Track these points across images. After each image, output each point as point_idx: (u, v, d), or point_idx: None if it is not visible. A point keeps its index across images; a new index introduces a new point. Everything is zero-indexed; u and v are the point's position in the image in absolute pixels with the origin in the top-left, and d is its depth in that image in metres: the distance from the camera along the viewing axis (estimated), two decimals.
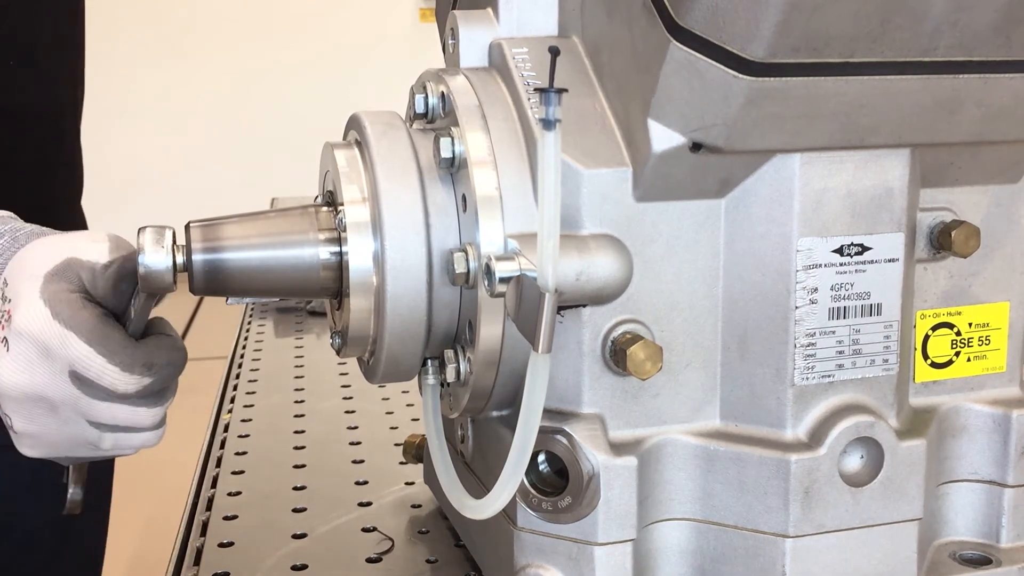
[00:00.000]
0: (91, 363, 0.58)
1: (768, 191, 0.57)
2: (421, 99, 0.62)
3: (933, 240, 0.61)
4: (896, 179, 0.58)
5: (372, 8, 5.15)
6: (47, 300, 0.58)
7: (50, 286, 0.59)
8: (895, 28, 0.50)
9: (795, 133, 0.54)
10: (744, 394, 0.59)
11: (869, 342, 0.59)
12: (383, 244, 0.57)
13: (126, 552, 2.46)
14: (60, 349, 0.58)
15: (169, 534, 0.80)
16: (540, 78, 0.59)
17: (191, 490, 0.86)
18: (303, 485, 0.84)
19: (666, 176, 0.55)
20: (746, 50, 0.49)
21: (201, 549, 0.74)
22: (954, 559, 0.63)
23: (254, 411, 1.04)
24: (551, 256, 0.50)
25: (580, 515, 0.57)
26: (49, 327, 0.58)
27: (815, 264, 0.57)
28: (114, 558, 2.54)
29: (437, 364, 0.62)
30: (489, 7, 0.63)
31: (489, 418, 0.63)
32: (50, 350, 0.58)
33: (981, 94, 0.55)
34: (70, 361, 0.58)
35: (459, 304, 0.59)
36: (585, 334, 0.57)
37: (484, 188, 0.56)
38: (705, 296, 0.58)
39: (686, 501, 0.59)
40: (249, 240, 0.59)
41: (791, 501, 0.57)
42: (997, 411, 0.64)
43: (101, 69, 5.29)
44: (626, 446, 0.57)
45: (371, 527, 0.76)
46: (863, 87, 0.52)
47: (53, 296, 0.58)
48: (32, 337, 0.58)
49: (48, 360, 0.58)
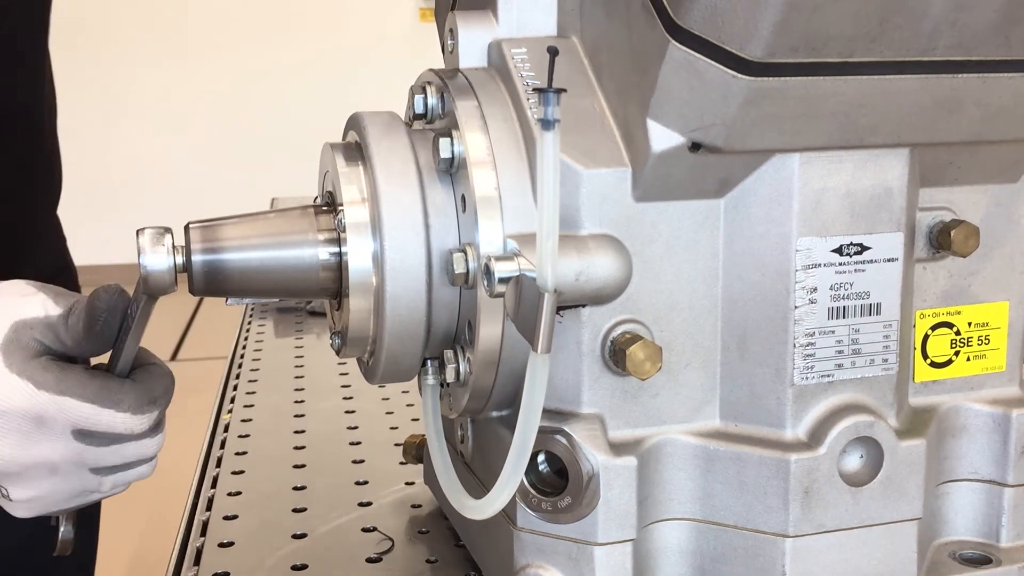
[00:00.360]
0: (99, 419, 0.58)
1: (767, 191, 0.57)
2: (420, 100, 0.62)
3: (932, 240, 0.61)
4: (895, 179, 0.58)
5: (372, 8, 5.15)
6: (18, 372, 0.57)
7: (12, 358, 0.57)
8: (894, 28, 0.50)
9: (794, 133, 0.54)
10: (744, 394, 0.59)
11: (868, 342, 0.59)
12: (382, 245, 0.57)
13: (126, 552, 2.46)
14: (59, 415, 0.57)
15: (169, 534, 0.80)
16: (539, 78, 0.59)
17: (191, 490, 0.86)
18: (303, 485, 0.84)
19: (665, 176, 0.55)
20: (745, 50, 0.49)
21: (201, 549, 0.74)
22: (954, 559, 0.63)
23: (254, 411, 1.04)
24: (550, 256, 0.50)
25: (580, 515, 0.57)
26: (37, 399, 0.57)
27: (814, 264, 0.57)
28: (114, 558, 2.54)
29: (437, 364, 0.63)
30: (488, 8, 0.63)
31: (489, 418, 0.63)
32: (45, 419, 0.57)
33: (980, 94, 0.55)
34: (72, 423, 0.58)
35: (458, 304, 0.59)
36: (584, 334, 0.57)
37: (483, 188, 0.56)
38: (704, 296, 0.58)
39: (686, 501, 0.59)
40: (249, 241, 0.59)
41: (791, 501, 0.57)
42: (997, 411, 0.64)
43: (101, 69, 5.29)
44: (626, 446, 0.57)
45: (371, 527, 0.76)
46: (862, 87, 0.52)
47: (22, 367, 0.57)
48: (20, 413, 0.57)
49: (44, 428, 0.58)
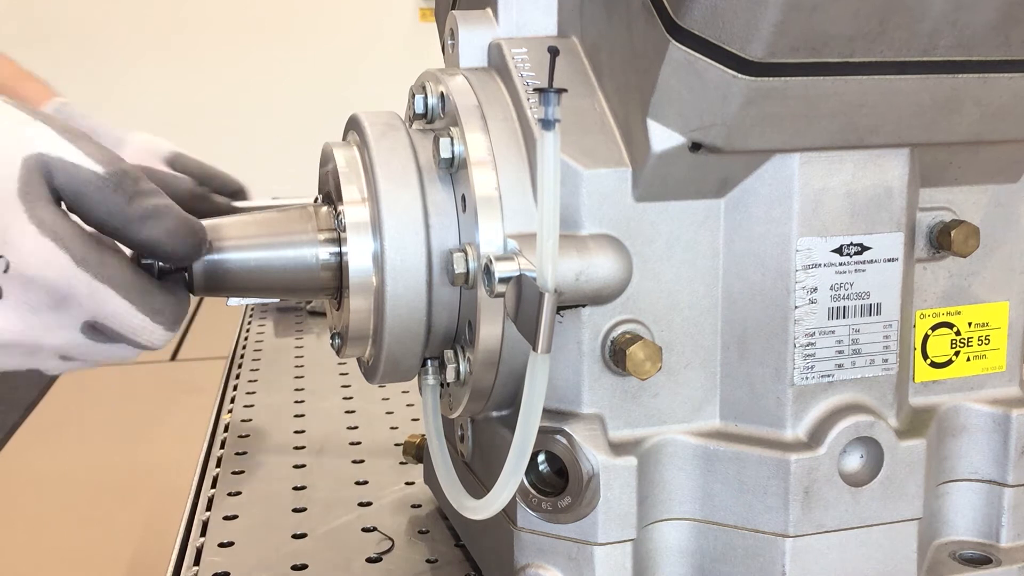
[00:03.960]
0: (130, 322, 0.50)
1: (767, 191, 0.57)
2: (420, 99, 0.62)
3: (932, 240, 0.61)
4: (895, 179, 0.58)
5: (371, 8, 5.15)
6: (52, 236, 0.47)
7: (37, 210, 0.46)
8: (894, 28, 0.50)
9: (794, 133, 0.54)
10: (744, 394, 0.59)
11: (869, 342, 0.59)
12: (383, 244, 0.57)
13: (126, 552, 2.46)
14: (87, 302, 0.49)
15: (169, 534, 0.80)
16: (539, 78, 0.59)
17: (191, 490, 0.87)
18: (303, 485, 0.84)
19: (665, 176, 0.55)
20: (745, 50, 0.49)
21: (201, 549, 0.74)
22: (954, 559, 0.63)
23: (254, 411, 1.04)
24: (550, 256, 0.50)
25: (580, 515, 0.57)
26: (73, 276, 0.47)
27: (814, 264, 0.57)
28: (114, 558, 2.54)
29: (437, 364, 0.63)
30: (488, 7, 0.63)
31: (489, 418, 0.63)
32: (68, 301, 0.49)
33: (980, 93, 0.55)
34: (95, 314, 0.50)
35: (459, 304, 0.59)
36: (585, 334, 0.57)
37: (483, 188, 0.56)
38: (705, 296, 0.58)
39: (686, 501, 0.59)
40: (248, 240, 0.59)
41: (791, 501, 0.57)
42: (997, 411, 0.64)
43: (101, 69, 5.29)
44: (626, 446, 0.57)
45: (371, 527, 0.76)
46: (862, 87, 0.52)
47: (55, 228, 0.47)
48: (45, 287, 0.48)
49: (59, 311, 0.49)
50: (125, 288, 0.50)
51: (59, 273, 0.47)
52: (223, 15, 5.08)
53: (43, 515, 2.67)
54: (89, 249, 0.48)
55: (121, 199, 0.49)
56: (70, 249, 0.48)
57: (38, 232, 0.47)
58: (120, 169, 0.50)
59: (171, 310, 0.53)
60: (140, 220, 0.50)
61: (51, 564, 2.44)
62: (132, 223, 0.50)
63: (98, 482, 2.84)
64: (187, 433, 1.18)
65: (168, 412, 3.38)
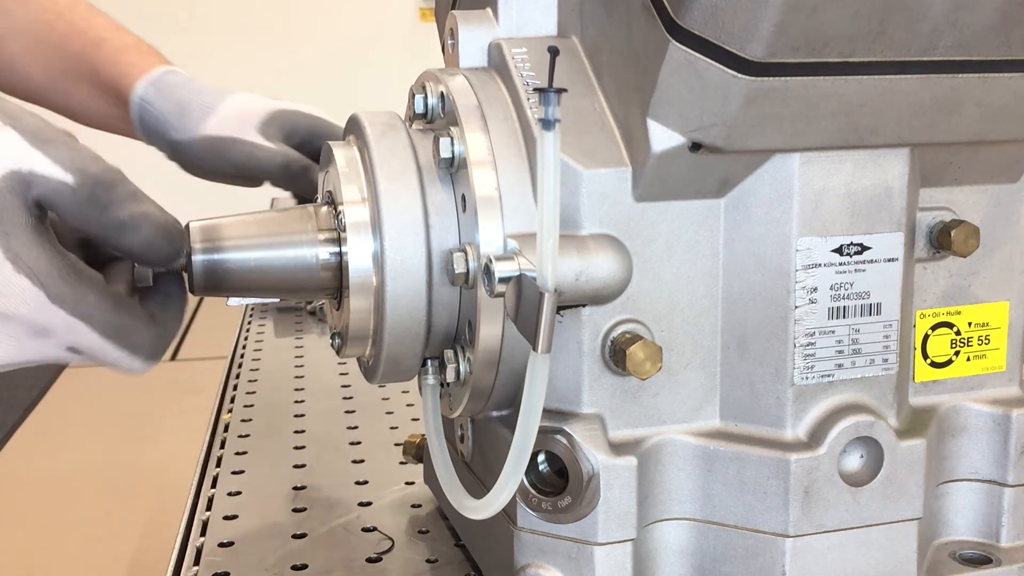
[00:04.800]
0: (108, 357, 0.51)
1: (767, 191, 0.57)
2: (420, 99, 0.62)
3: (932, 240, 0.61)
4: (895, 179, 0.58)
5: (371, 8, 5.15)
6: (26, 272, 0.46)
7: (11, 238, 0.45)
8: (894, 28, 0.50)
9: (794, 133, 0.54)
10: (744, 394, 0.59)
11: (869, 342, 0.59)
12: (383, 244, 0.57)
13: (126, 552, 2.46)
14: (64, 335, 0.48)
15: (169, 534, 0.80)
16: (539, 78, 0.59)
17: (191, 490, 0.86)
18: (303, 485, 0.84)
19: (665, 176, 0.55)
20: (745, 50, 0.49)
21: (201, 549, 0.74)
22: (954, 558, 0.63)
23: (254, 411, 1.04)
24: (550, 256, 0.50)
25: (580, 515, 0.57)
26: (49, 312, 0.47)
27: (814, 264, 0.57)
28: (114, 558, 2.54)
29: (437, 364, 0.63)
30: (488, 7, 0.63)
31: (489, 418, 0.63)
32: (47, 332, 0.48)
33: (980, 93, 0.55)
34: (73, 345, 0.50)
35: (459, 304, 0.59)
36: (585, 334, 0.57)
37: (483, 188, 0.56)
38: (705, 296, 0.58)
39: (686, 501, 0.60)
40: (249, 240, 0.59)
41: (791, 501, 0.57)
42: (997, 411, 0.64)
43: None
44: (626, 446, 0.57)
45: (371, 527, 0.76)
46: (862, 87, 0.52)
47: (29, 259, 0.45)
48: (21, 321, 0.47)
49: (41, 339, 0.49)
50: (102, 326, 0.49)
51: (34, 311, 0.47)
52: (223, 16, 5.08)
53: (43, 515, 2.68)
54: (66, 283, 0.48)
55: (94, 210, 0.49)
56: (46, 286, 0.47)
57: (13, 269, 0.46)
58: (93, 177, 0.49)
59: (151, 344, 0.52)
60: (116, 230, 0.50)
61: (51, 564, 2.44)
62: (108, 232, 0.50)
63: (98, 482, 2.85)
64: (187, 433, 1.19)
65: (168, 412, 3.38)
